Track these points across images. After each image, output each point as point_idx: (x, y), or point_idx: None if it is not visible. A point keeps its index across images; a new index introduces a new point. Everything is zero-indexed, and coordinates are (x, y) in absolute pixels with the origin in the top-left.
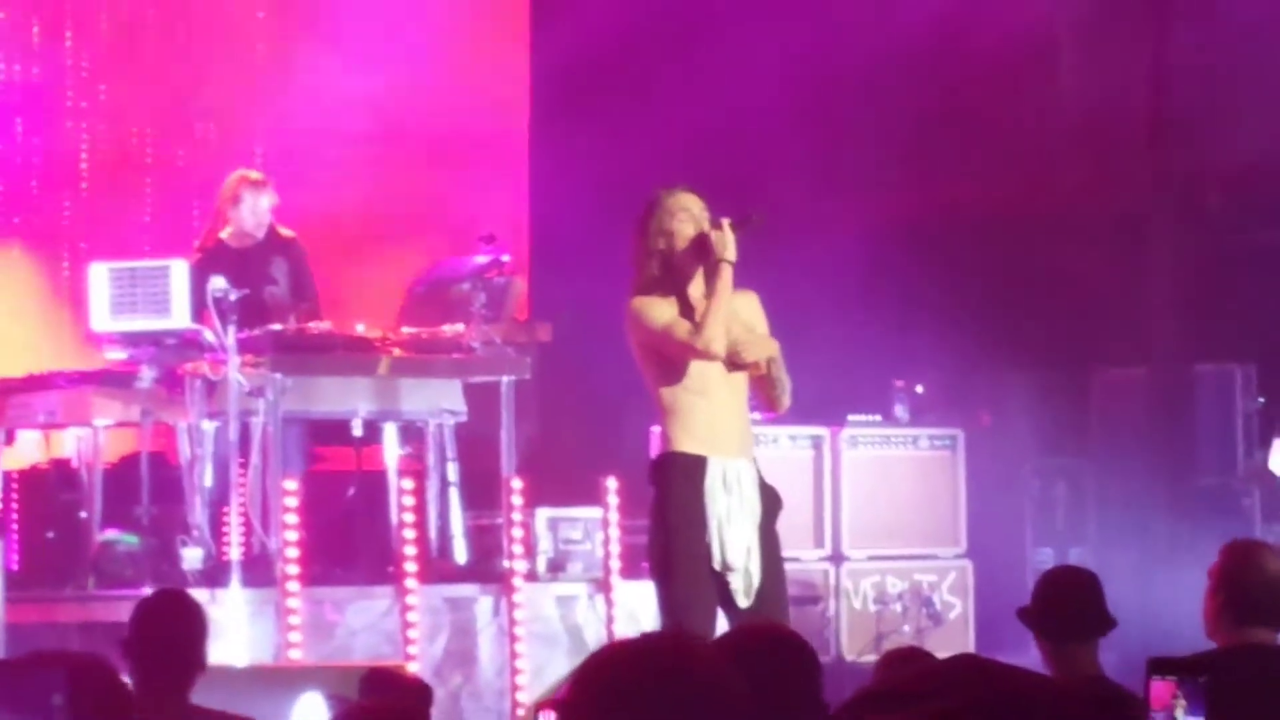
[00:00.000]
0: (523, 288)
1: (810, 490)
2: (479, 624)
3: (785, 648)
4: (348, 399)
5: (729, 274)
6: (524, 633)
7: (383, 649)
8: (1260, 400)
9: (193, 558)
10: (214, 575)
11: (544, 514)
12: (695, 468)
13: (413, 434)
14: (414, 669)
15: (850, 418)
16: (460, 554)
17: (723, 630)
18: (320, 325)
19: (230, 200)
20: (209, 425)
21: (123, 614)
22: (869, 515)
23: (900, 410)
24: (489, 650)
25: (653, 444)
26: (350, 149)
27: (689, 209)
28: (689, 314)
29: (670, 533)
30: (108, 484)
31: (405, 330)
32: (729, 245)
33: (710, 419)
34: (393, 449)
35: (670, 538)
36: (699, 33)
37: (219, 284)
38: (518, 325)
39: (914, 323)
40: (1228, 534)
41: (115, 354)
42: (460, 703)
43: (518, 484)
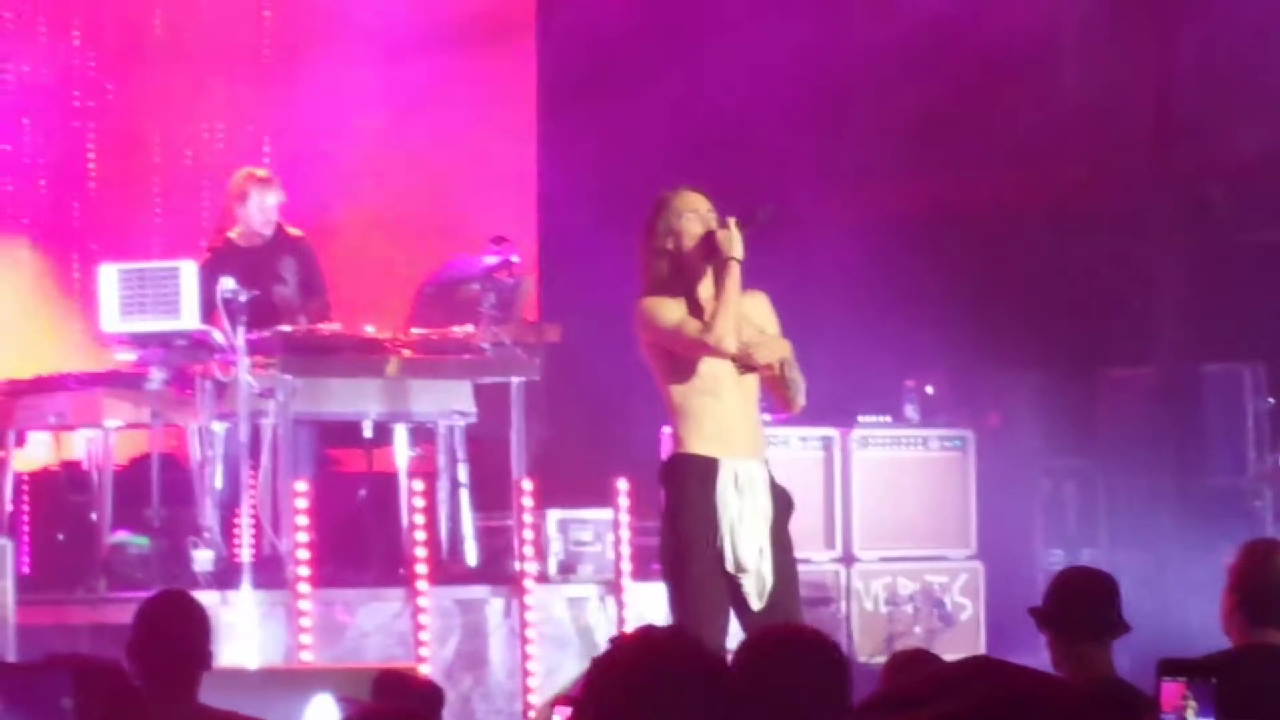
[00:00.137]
0: (532, 288)
1: (821, 491)
2: (490, 626)
3: (813, 649)
4: (358, 400)
5: (737, 272)
6: (535, 634)
7: (394, 651)
8: (1270, 400)
9: (203, 559)
10: (225, 577)
11: (555, 515)
12: (707, 469)
13: (423, 435)
14: (425, 671)
15: (860, 419)
16: (471, 556)
17: (734, 633)
18: (330, 326)
19: (238, 198)
20: (219, 427)
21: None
22: (880, 516)
23: (910, 411)
24: (500, 652)
25: (664, 445)
26: (359, 149)
27: (696, 208)
28: (698, 314)
29: (682, 535)
30: (118, 486)
31: (415, 331)
32: (736, 243)
33: (721, 420)
34: (403, 450)
35: (682, 540)
36: (705, 33)
37: (228, 285)
38: (527, 326)
39: (923, 323)
40: (1238, 535)
41: (125, 355)
42: (471, 704)
43: (528, 485)
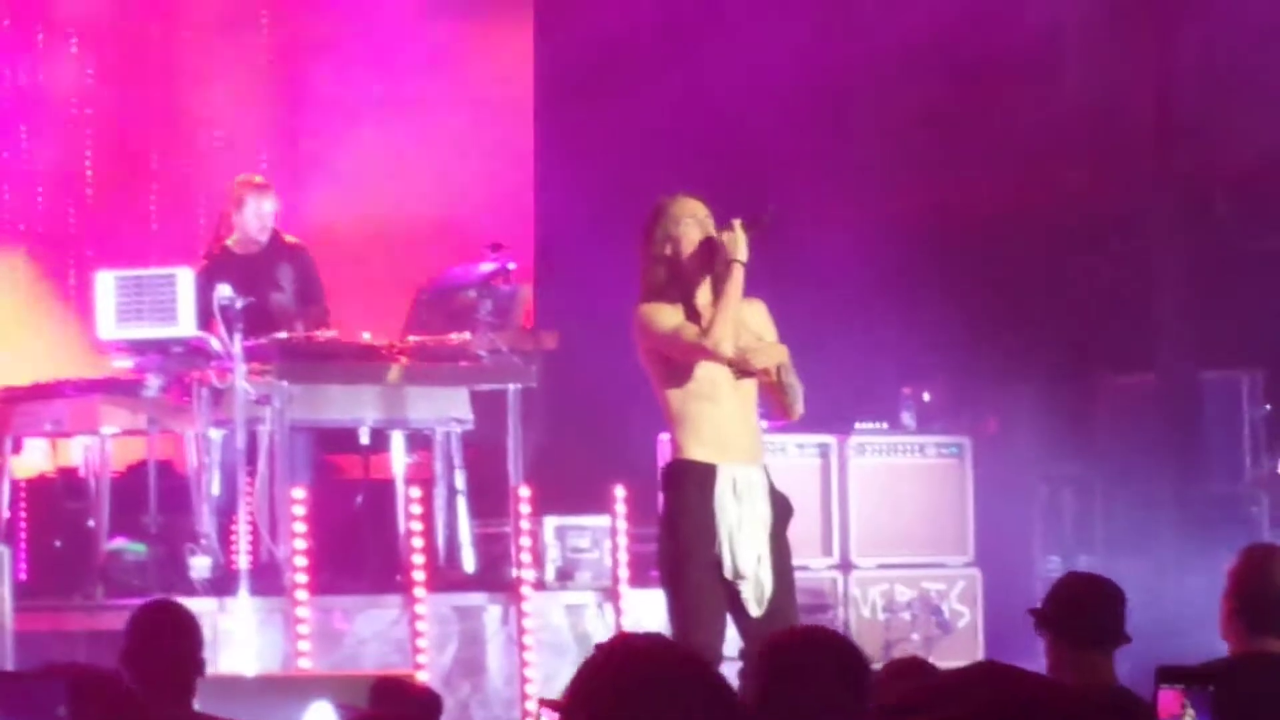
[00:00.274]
0: (529, 295)
1: (818, 498)
2: (487, 632)
3: (835, 650)
4: (355, 407)
5: (740, 275)
6: (533, 641)
7: (391, 658)
8: (1267, 407)
9: (201, 566)
10: (222, 584)
11: (552, 522)
12: (705, 475)
13: (420, 442)
14: (423, 678)
15: (857, 426)
16: (468, 562)
17: (731, 639)
18: (326, 334)
19: (234, 204)
20: (216, 434)
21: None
22: (877, 523)
23: (907, 418)
24: (498, 659)
25: (661, 452)
26: (355, 156)
27: (695, 214)
28: (695, 320)
29: (681, 541)
30: (115, 493)
31: (411, 338)
32: (740, 246)
33: (719, 426)
34: (400, 457)
35: (681, 546)
36: (704, 38)
37: (225, 292)
38: (524, 333)
39: (921, 331)
40: (1236, 541)
41: (122, 362)
42: (469, 711)
43: (525, 492)
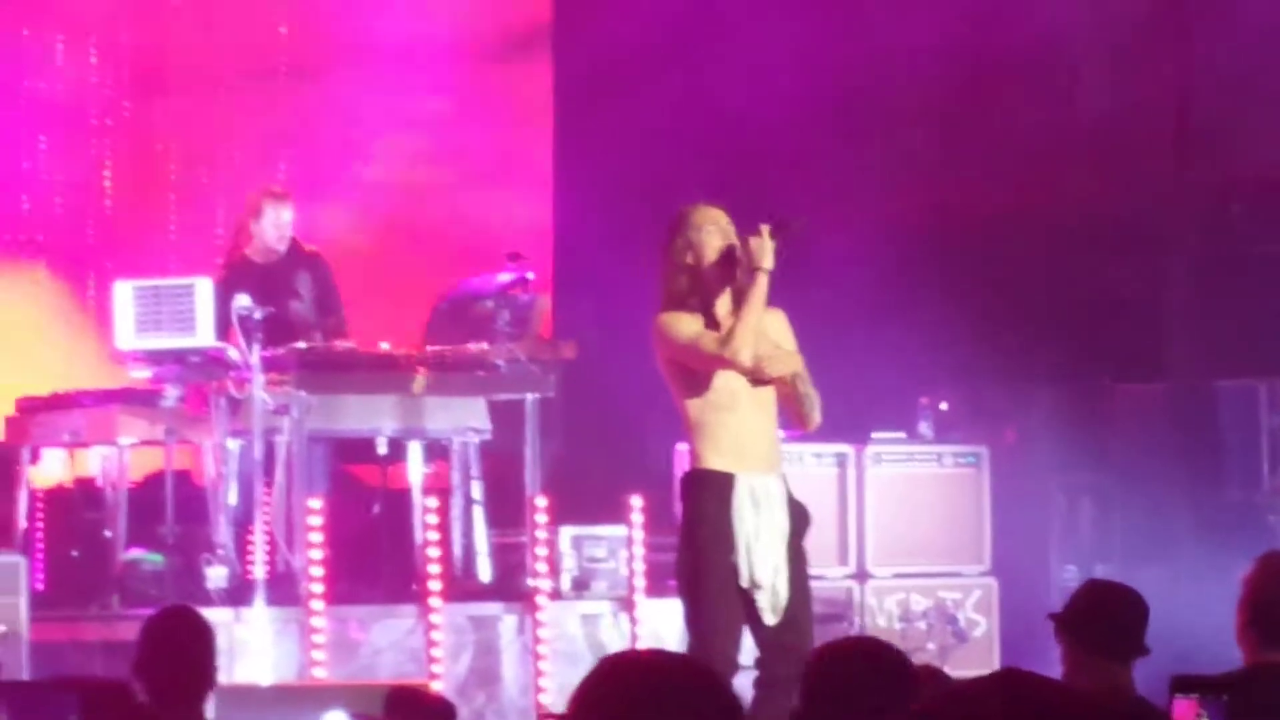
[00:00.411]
0: (547, 305)
1: (834, 508)
2: (503, 642)
3: (887, 660)
4: (372, 417)
5: (764, 282)
6: (548, 651)
7: (407, 667)
8: None
9: (217, 576)
10: (238, 594)
11: (568, 532)
12: (723, 485)
13: (437, 452)
14: (438, 687)
15: (874, 435)
16: (484, 572)
17: (747, 648)
18: (345, 344)
19: (253, 214)
20: (234, 444)
21: (139, 633)
22: (893, 533)
23: (924, 427)
24: (513, 669)
25: (679, 461)
26: (373, 166)
27: (716, 221)
28: (715, 329)
29: (698, 550)
30: (132, 503)
31: (430, 349)
32: (767, 253)
33: (738, 435)
34: (417, 467)
35: (698, 555)
36: (719, 48)
37: (243, 302)
38: (542, 343)
39: (938, 339)
40: (1253, 550)
41: (140, 372)
42: None
43: (542, 502)
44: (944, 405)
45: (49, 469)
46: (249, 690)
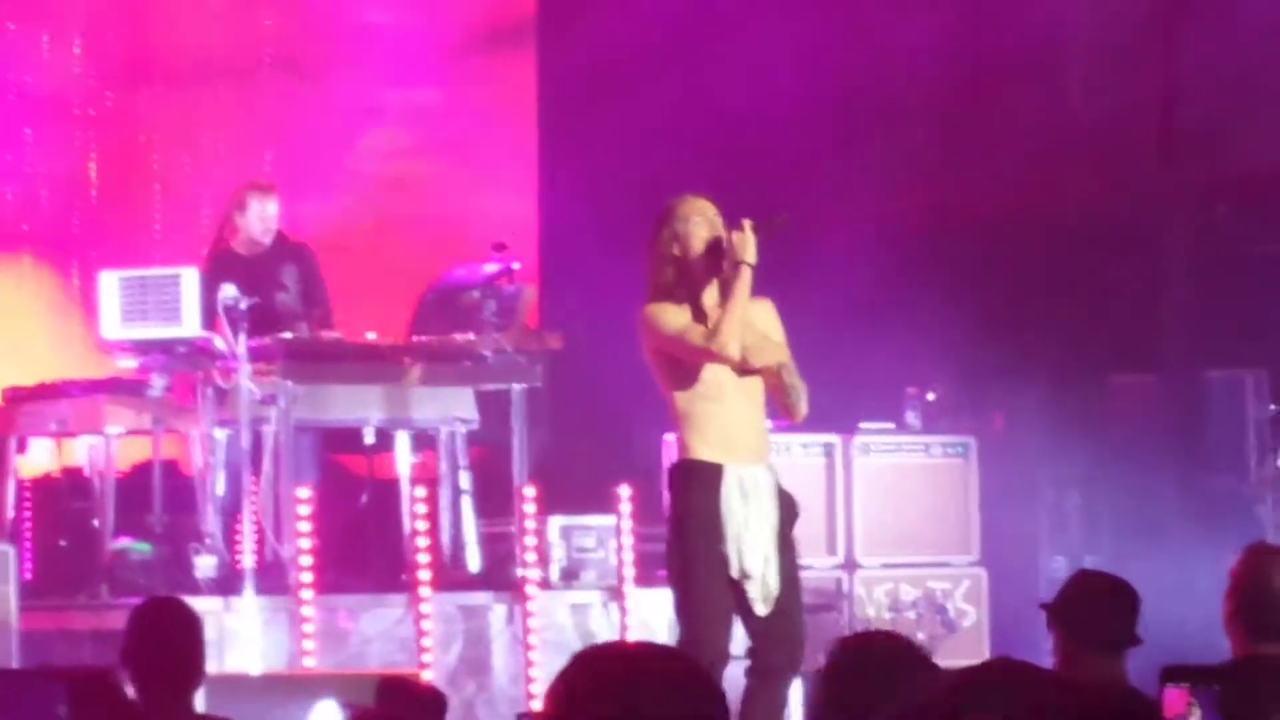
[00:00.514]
0: (533, 295)
1: (823, 498)
2: (493, 632)
3: (909, 654)
4: (359, 407)
5: (748, 276)
6: (538, 641)
7: (396, 657)
8: (1272, 407)
9: (206, 566)
10: (227, 583)
11: (557, 522)
12: (712, 475)
13: (425, 442)
14: (428, 677)
15: (862, 425)
16: (473, 562)
17: (738, 638)
18: (331, 334)
19: (238, 206)
20: (221, 433)
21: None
22: (882, 523)
23: (912, 418)
24: (503, 658)
25: (667, 452)
26: (359, 157)
27: (703, 213)
28: (702, 321)
29: (687, 541)
30: (120, 492)
31: (416, 339)
32: (749, 247)
33: (725, 426)
34: (405, 457)
35: (687, 546)
36: (709, 40)
37: (229, 292)
38: (529, 333)
39: (926, 330)
40: (1242, 540)
41: (126, 362)
42: (474, 711)
43: (530, 492)
44: (932, 396)
45: (36, 459)
46: (239, 680)
